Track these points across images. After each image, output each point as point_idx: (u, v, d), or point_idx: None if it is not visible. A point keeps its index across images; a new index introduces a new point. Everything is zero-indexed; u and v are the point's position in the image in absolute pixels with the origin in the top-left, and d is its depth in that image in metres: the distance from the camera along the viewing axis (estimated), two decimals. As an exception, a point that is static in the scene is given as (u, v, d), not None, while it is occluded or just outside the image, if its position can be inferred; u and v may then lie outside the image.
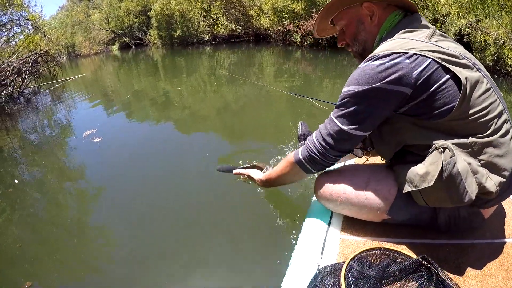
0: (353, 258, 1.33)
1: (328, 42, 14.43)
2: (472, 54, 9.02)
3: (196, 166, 4.02)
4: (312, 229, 1.72)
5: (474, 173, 1.29)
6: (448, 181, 1.26)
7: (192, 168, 4.00)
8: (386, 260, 1.31)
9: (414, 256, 1.29)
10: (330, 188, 1.65)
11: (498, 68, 7.86)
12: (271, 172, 1.89)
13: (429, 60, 1.26)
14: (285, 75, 10.36)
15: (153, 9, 25.86)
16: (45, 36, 13.88)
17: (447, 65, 1.26)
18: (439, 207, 1.44)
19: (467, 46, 9.07)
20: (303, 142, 2.29)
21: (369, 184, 1.57)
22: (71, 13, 40.19)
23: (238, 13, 20.15)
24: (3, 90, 11.14)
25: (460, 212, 1.44)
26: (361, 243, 1.56)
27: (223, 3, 20.66)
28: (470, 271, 1.35)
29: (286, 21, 16.01)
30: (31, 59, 12.05)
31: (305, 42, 14.99)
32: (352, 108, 1.39)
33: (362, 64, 1.37)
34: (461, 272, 1.35)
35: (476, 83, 1.29)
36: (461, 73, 1.25)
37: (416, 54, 1.27)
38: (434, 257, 1.25)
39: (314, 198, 1.90)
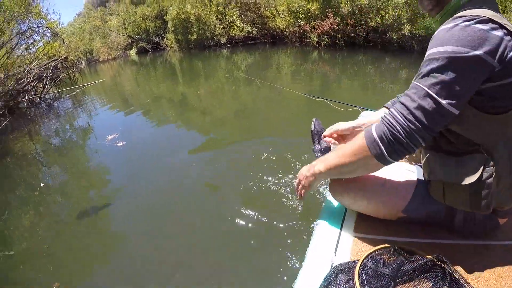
0: (367, 256, 1.33)
1: (345, 42, 14.39)
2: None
3: (216, 170, 4.07)
4: (326, 227, 1.69)
5: (502, 188, 1.29)
6: (477, 188, 1.26)
7: (212, 171, 4.05)
8: (400, 259, 1.29)
9: (428, 255, 1.28)
10: (348, 185, 1.58)
11: None
12: (335, 156, 1.46)
13: None
14: (302, 76, 10.34)
15: (168, 14, 26.05)
16: (64, 42, 14.08)
17: None
18: (454, 207, 1.42)
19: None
20: (317, 139, 2.31)
21: (387, 182, 1.54)
22: (88, 19, 40.76)
23: (253, 15, 20.17)
24: (25, 96, 11.31)
25: (476, 215, 1.43)
26: (374, 241, 1.53)
27: (238, 5, 20.71)
28: (483, 272, 1.33)
29: (302, 22, 16.00)
30: (51, 65, 12.26)
31: (322, 43, 14.96)
32: (451, 77, 1.12)
33: (459, 21, 1.13)
34: (474, 273, 1.33)
35: None
36: None
37: (510, 33, 1.11)
38: (448, 257, 1.24)
39: (328, 196, 1.89)
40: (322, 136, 2.04)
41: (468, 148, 1.29)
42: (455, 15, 1.19)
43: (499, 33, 1.09)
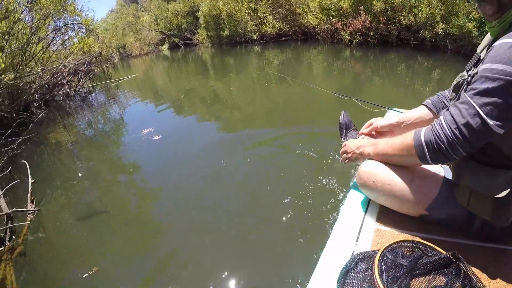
0: (387, 247, 1.38)
1: (377, 41, 14.25)
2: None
3: (248, 164, 4.18)
4: (349, 216, 1.76)
5: None
6: (503, 202, 1.28)
7: (243, 165, 4.17)
8: (418, 252, 1.35)
9: (445, 252, 1.32)
10: (376, 176, 1.63)
11: None
12: (384, 146, 1.62)
13: None
14: (334, 74, 10.33)
15: (200, 10, 26.20)
16: (98, 38, 14.37)
17: None
18: (475, 213, 1.44)
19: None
20: (344, 131, 2.34)
21: (415, 178, 1.56)
22: (121, 15, 41.39)
23: (285, 11, 20.08)
24: (61, 89, 11.72)
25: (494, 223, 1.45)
26: (394, 234, 1.60)
27: (269, 2, 20.64)
28: (496, 275, 1.36)
29: (333, 19, 15.85)
30: (86, 60, 12.61)
31: (354, 41, 14.79)
32: (505, 99, 1.14)
33: None
34: (488, 274, 1.36)
35: None
36: None
37: None
38: (464, 257, 1.27)
39: (352, 186, 1.97)
40: (360, 133, 2.09)
41: (503, 161, 1.31)
42: None
43: None
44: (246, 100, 8.11)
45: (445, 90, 1.81)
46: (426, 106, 1.87)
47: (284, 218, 3.04)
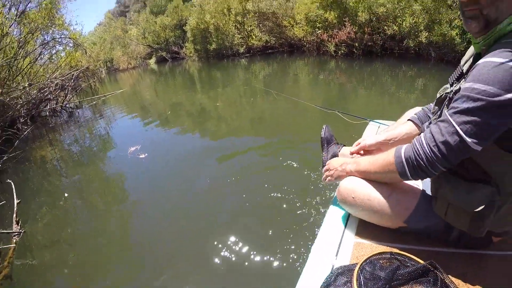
0: (365, 260, 1.40)
1: (362, 51, 14.45)
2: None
3: (231, 181, 4.19)
4: (329, 231, 1.79)
5: (497, 217, 1.37)
6: (479, 215, 1.33)
7: (227, 183, 4.17)
8: (396, 263, 1.38)
9: (422, 262, 1.34)
10: (355, 193, 1.66)
11: None
12: (366, 164, 1.66)
13: None
14: (319, 86, 10.45)
15: (188, 24, 26.40)
16: (86, 53, 14.37)
17: None
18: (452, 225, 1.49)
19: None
20: (326, 145, 2.39)
21: (393, 192, 1.60)
22: (109, 29, 41.44)
23: (271, 24, 20.28)
24: (47, 104, 11.64)
25: None
26: (374, 247, 1.63)
27: (256, 15, 20.86)
28: (475, 280, 1.40)
29: (319, 31, 16.06)
30: (73, 75, 12.59)
31: (339, 52, 15.00)
32: (483, 119, 1.17)
33: (507, 60, 1.13)
34: (466, 281, 1.40)
35: None
36: None
37: None
38: (442, 265, 1.30)
39: (332, 201, 2.01)
40: (350, 152, 2.15)
41: (480, 176, 1.34)
42: (504, 45, 1.21)
43: None
44: (232, 115, 8.14)
45: (430, 104, 1.85)
46: (412, 121, 1.92)
47: (266, 234, 3.06)
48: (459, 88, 1.28)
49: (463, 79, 1.33)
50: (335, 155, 2.32)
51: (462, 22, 1.39)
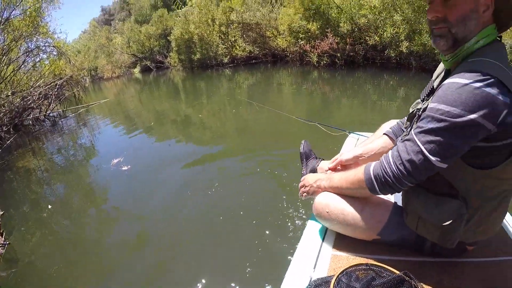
0: (342, 272, 1.43)
1: (345, 61, 14.70)
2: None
3: (211, 193, 4.24)
4: (307, 244, 1.82)
5: (468, 229, 1.44)
6: (448, 228, 1.39)
7: (207, 194, 4.22)
8: (371, 274, 1.41)
9: (397, 272, 1.37)
10: (330, 208, 1.71)
11: None
12: (338, 180, 1.72)
13: None
14: (302, 96, 10.58)
15: (172, 34, 26.42)
16: (70, 62, 14.33)
17: None
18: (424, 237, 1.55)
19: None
20: (305, 160, 2.48)
21: (365, 207, 1.66)
22: (94, 37, 41.23)
23: (255, 35, 20.48)
24: (30, 113, 11.58)
25: None
26: (350, 259, 1.66)
27: (240, 25, 21.03)
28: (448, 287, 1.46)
29: (302, 42, 16.29)
30: (56, 84, 12.56)
31: (322, 62, 15.19)
32: (447, 138, 1.23)
33: (470, 81, 1.19)
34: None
35: None
36: None
37: None
38: (417, 274, 1.34)
39: (311, 215, 2.04)
40: (327, 168, 2.20)
41: (448, 190, 1.40)
42: (470, 64, 1.26)
43: (505, 98, 1.17)
44: (215, 126, 8.21)
45: (405, 118, 1.90)
46: (387, 135, 2.01)
47: (245, 246, 3.10)
48: (427, 107, 1.33)
49: (433, 96, 1.35)
50: (313, 170, 2.40)
51: (431, 40, 1.45)
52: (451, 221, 1.36)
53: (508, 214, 1.90)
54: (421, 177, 1.34)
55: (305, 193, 1.93)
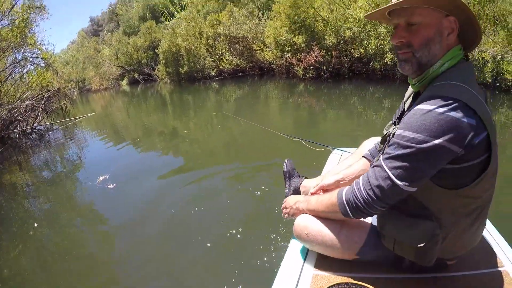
0: None
1: (330, 74, 14.95)
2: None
3: (194, 211, 4.22)
4: (289, 264, 1.85)
5: (445, 246, 1.47)
6: (425, 249, 1.40)
7: (191, 213, 4.19)
8: None
9: None
10: (308, 229, 1.75)
11: (498, 84, 8.37)
12: (315, 203, 1.78)
13: (485, 133, 1.24)
14: (288, 110, 10.68)
15: (160, 46, 26.55)
16: (57, 74, 14.28)
17: (492, 147, 1.27)
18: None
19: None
20: (288, 178, 2.52)
21: (342, 229, 1.70)
22: (82, 48, 41.20)
23: (242, 48, 20.70)
24: (17, 126, 11.51)
25: None
26: (331, 278, 1.68)
27: (227, 38, 21.22)
28: None
29: (288, 54, 16.49)
30: (43, 96, 12.54)
31: (308, 75, 15.38)
32: (413, 164, 1.27)
33: (434, 107, 1.22)
34: None
35: (492, 174, 1.35)
36: (493, 158, 1.29)
37: (481, 121, 1.23)
38: None
39: (292, 236, 2.07)
40: (310, 193, 2.19)
41: (421, 211, 1.42)
42: (435, 89, 1.30)
43: (470, 120, 1.20)
44: (201, 142, 8.24)
45: None
46: (366, 158, 2.03)
47: (228, 266, 3.04)
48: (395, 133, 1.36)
49: (401, 121, 1.39)
50: (296, 188, 2.45)
51: (397, 65, 1.47)
52: (425, 242, 1.37)
53: (490, 224, 2.00)
54: (391, 201, 1.37)
55: (286, 215, 1.98)
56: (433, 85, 1.33)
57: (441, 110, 1.20)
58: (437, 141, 1.20)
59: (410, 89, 1.63)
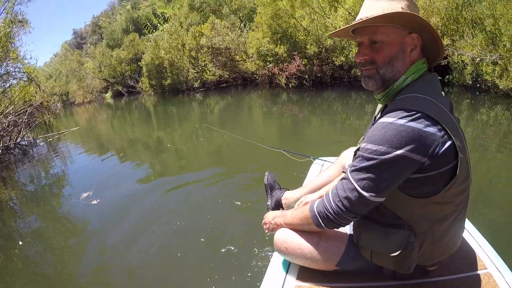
0: None
1: (313, 82, 15.19)
2: (452, 74, 9.83)
3: (179, 226, 4.20)
4: (272, 277, 1.85)
5: (423, 253, 1.49)
6: (401, 257, 1.44)
7: (176, 227, 4.17)
8: None
9: None
10: (287, 243, 1.77)
11: (478, 85, 8.61)
12: (290, 217, 1.81)
13: (450, 142, 1.27)
14: (272, 119, 10.79)
15: (143, 59, 26.64)
16: (40, 88, 14.20)
17: (459, 153, 1.29)
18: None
19: (446, 68, 9.83)
20: (269, 191, 2.59)
21: (321, 241, 1.72)
22: (65, 61, 40.94)
23: (225, 59, 20.88)
24: (0, 141, 11.38)
25: None
26: None
27: (210, 50, 21.36)
28: None
29: (270, 65, 16.67)
30: (26, 111, 12.45)
31: (290, 84, 15.59)
32: (377, 175, 1.31)
33: (395, 119, 1.28)
34: None
35: (463, 180, 1.38)
36: (461, 166, 1.31)
37: (446, 130, 1.27)
38: None
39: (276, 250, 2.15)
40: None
41: (394, 220, 1.45)
42: (397, 102, 1.35)
43: (433, 129, 1.24)
44: (184, 154, 8.30)
45: None
46: (344, 172, 2.12)
47: (210, 279, 3.03)
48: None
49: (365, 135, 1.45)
50: (278, 200, 2.50)
51: (362, 81, 1.53)
52: (400, 250, 1.41)
53: (472, 226, 2.04)
54: (360, 211, 1.41)
55: (266, 230, 2.00)
56: (397, 99, 1.39)
57: (402, 121, 1.25)
58: (399, 152, 1.24)
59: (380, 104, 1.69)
